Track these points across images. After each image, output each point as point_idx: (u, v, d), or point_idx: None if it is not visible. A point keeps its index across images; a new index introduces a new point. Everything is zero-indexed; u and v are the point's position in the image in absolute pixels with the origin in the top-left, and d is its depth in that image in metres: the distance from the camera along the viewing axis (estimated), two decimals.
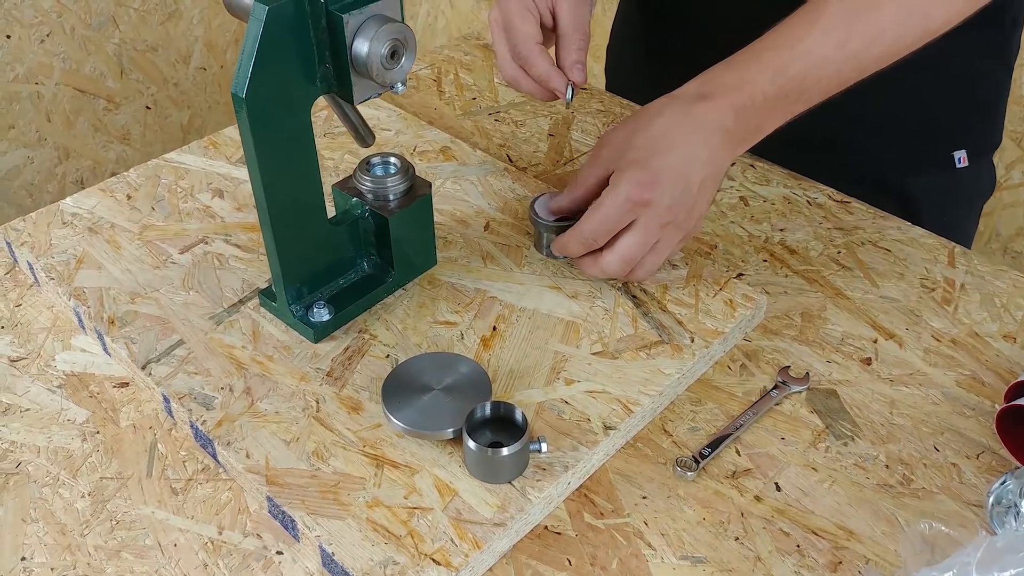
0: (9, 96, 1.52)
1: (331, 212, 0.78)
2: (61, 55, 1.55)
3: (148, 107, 1.71)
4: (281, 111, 0.65)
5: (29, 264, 0.84)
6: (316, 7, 0.62)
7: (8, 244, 0.86)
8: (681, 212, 0.73)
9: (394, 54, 0.64)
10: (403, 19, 0.65)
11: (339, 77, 0.65)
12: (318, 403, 0.69)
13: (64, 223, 0.88)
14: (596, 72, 1.35)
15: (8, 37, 1.48)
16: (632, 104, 1.09)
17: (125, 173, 0.94)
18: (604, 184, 0.75)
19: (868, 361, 0.77)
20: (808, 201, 0.93)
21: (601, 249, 0.75)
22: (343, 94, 0.66)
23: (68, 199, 0.91)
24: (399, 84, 0.66)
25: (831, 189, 0.95)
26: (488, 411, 0.65)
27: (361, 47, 0.63)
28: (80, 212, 0.89)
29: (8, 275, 0.86)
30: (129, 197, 0.91)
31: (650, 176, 0.71)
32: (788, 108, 0.74)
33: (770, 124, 0.74)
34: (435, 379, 0.68)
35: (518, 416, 0.64)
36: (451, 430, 0.64)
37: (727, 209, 0.92)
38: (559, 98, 0.84)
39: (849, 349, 0.78)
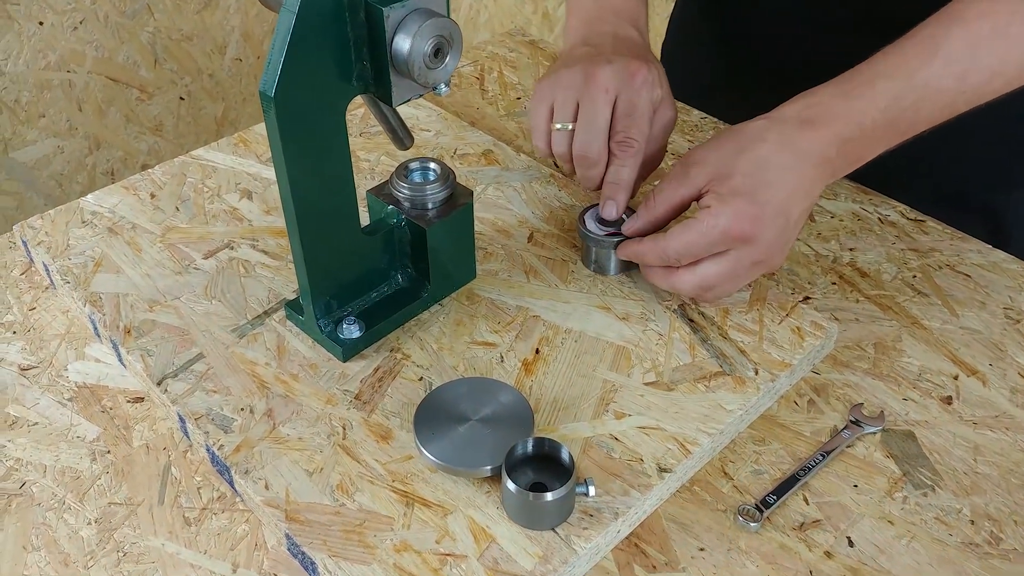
0: (40, 84, 1.48)
1: (364, 220, 0.73)
2: (94, 43, 1.50)
3: (182, 98, 1.66)
4: (313, 112, 0.59)
5: (45, 265, 0.79)
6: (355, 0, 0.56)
7: (24, 243, 0.81)
8: (776, 250, 0.68)
9: (438, 52, 0.58)
10: (448, 13, 0.59)
11: (377, 76, 0.59)
12: (344, 429, 0.63)
13: (84, 222, 0.83)
14: None
15: (40, 24, 1.43)
16: (687, 107, 1.02)
17: (150, 170, 0.89)
18: (688, 205, 0.70)
19: (948, 400, 0.69)
20: (880, 218, 0.86)
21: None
22: (381, 95, 0.60)
23: (89, 196, 0.86)
24: (442, 85, 0.60)
25: (904, 206, 0.88)
26: (530, 448, 0.59)
27: (402, 44, 0.57)
28: (101, 211, 0.84)
29: (24, 275, 0.81)
30: (153, 196, 0.86)
31: (755, 211, 0.66)
32: (894, 138, 0.68)
33: (871, 154, 0.69)
34: (472, 408, 0.62)
35: (564, 456, 0.58)
36: (489, 467, 0.58)
37: None
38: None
39: (927, 386, 0.70)
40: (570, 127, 0.74)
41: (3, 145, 1.47)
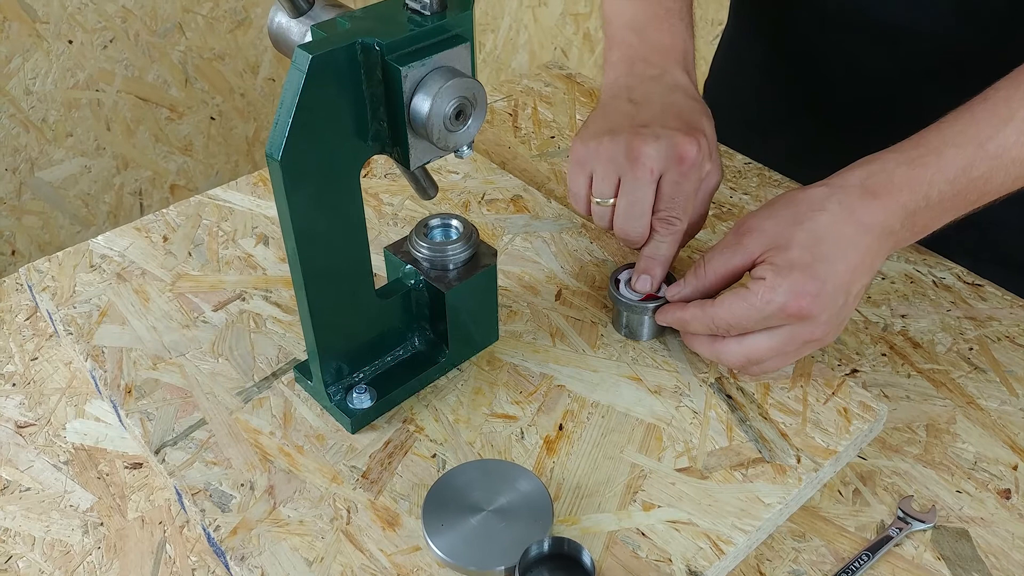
0: (68, 103, 1.46)
1: (382, 274, 0.68)
2: (124, 62, 1.48)
3: (213, 118, 1.64)
4: (324, 174, 0.55)
5: (48, 313, 0.76)
6: (371, 56, 0.52)
7: (30, 287, 0.78)
8: (831, 328, 0.63)
9: (460, 114, 0.54)
10: (474, 72, 0.54)
11: (394, 136, 0.55)
12: (349, 512, 0.59)
13: (92, 266, 0.79)
14: None
15: (70, 42, 1.42)
16: (730, 151, 0.97)
17: (164, 210, 0.86)
18: (740, 275, 0.65)
19: (1007, 493, 0.64)
20: (934, 281, 0.80)
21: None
22: (398, 156, 0.56)
23: (100, 238, 0.82)
24: (464, 148, 0.55)
25: (960, 268, 0.82)
26: (547, 547, 0.54)
27: (422, 105, 0.52)
28: (111, 254, 0.80)
29: (28, 321, 0.78)
30: (165, 239, 0.82)
31: (814, 287, 0.60)
32: (963, 208, 0.63)
33: (937, 224, 0.64)
34: (486, 497, 0.57)
35: (586, 559, 0.53)
36: (502, 567, 0.53)
37: None
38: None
39: (983, 476, 0.65)
40: (611, 203, 0.70)
41: (29, 164, 1.46)
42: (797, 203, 0.64)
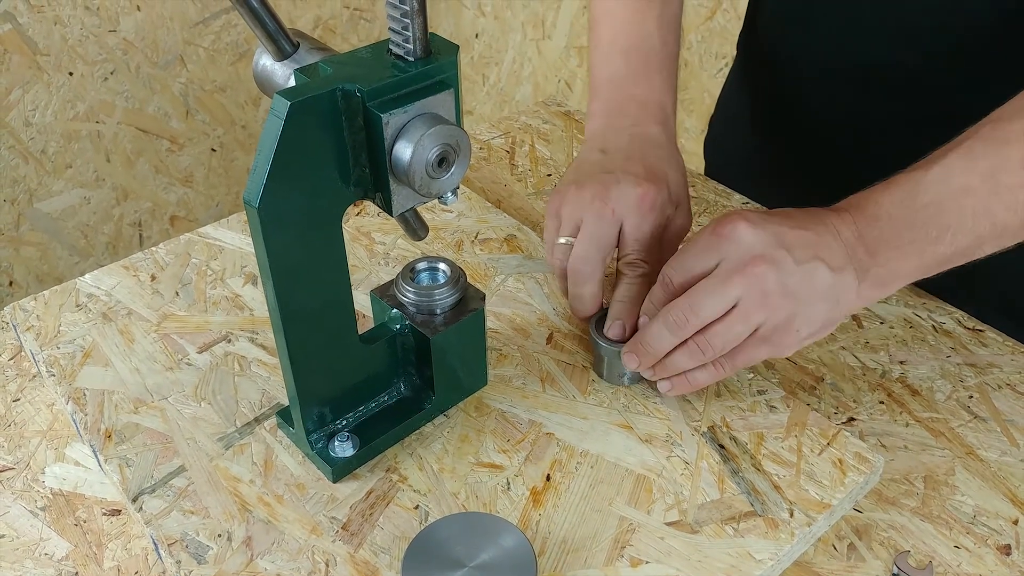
0: (68, 134, 1.45)
1: (371, 317, 0.67)
2: (124, 93, 1.48)
3: (214, 149, 1.63)
4: (305, 220, 0.54)
5: (32, 353, 0.75)
6: (352, 102, 0.51)
7: (15, 326, 0.77)
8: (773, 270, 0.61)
9: (443, 161, 0.52)
10: (459, 119, 0.53)
11: (377, 183, 0.54)
12: (327, 566, 0.57)
13: (78, 305, 0.78)
14: (689, 150, 1.22)
15: (70, 74, 1.42)
16: (728, 191, 0.96)
17: (153, 248, 0.85)
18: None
19: (1007, 550, 0.62)
20: (934, 326, 0.79)
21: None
22: (380, 203, 0.55)
23: (87, 276, 0.81)
24: (449, 195, 0.54)
25: (961, 312, 0.80)
26: None
27: (403, 152, 0.51)
28: (97, 293, 0.79)
29: (12, 360, 0.77)
30: (153, 278, 0.81)
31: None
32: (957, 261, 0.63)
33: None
34: (468, 552, 0.56)
35: None
36: None
37: (837, 332, 0.78)
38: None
39: (983, 531, 0.63)
40: (572, 242, 0.70)
41: (28, 195, 1.45)
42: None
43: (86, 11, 1.39)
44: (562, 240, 0.72)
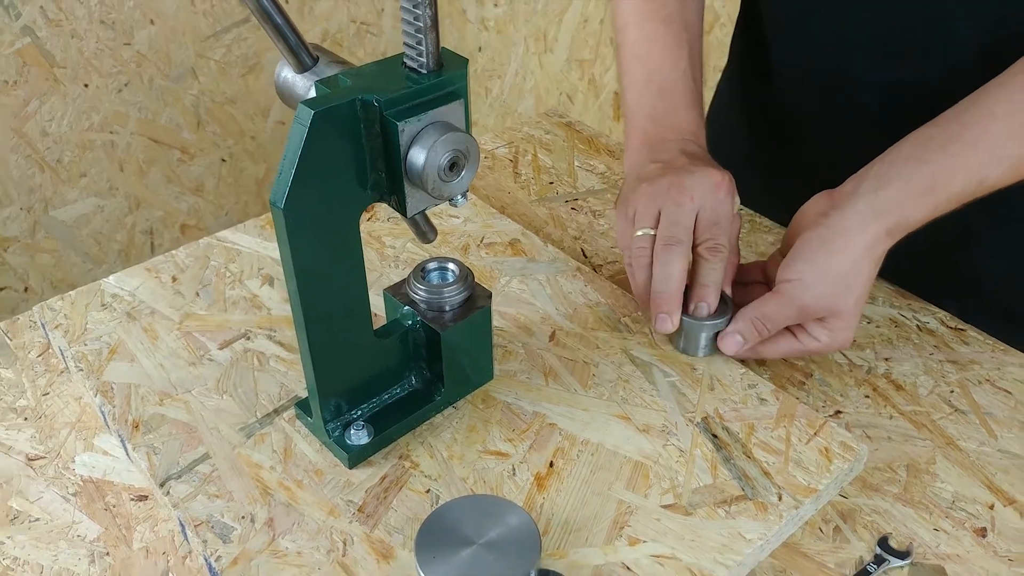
0: (83, 144, 1.50)
1: (383, 316, 0.71)
2: (138, 105, 1.52)
3: (224, 159, 1.68)
4: (325, 220, 0.58)
5: (60, 350, 0.79)
6: (370, 111, 0.55)
7: (43, 325, 0.81)
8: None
9: (454, 166, 0.57)
10: (468, 127, 0.58)
11: (392, 186, 0.58)
12: (345, 544, 0.61)
13: (103, 305, 0.82)
14: None
15: (85, 86, 1.46)
16: None
17: (174, 252, 0.89)
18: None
19: (983, 532, 0.66)
20: (918, 326, 0.83)
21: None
22: (395, 205, 0.59)
23: (111, 277, 0.86)
24: (459, 197, 0.59)
25: (944, 312, 0.84)
26: None
27: (417, 157, 0.55)
28: (121, 293, 0.83)
29: (40, 357, 0.81)
30: (174, 279, 0.85)
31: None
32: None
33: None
34: (477, 531, 0.59)
35: None
36: None
37: None
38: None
39: (961, 515, 0.67)
40: (652, 232, 0.73)
41: (44, 204, 1.49)
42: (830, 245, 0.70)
43: (102, 25, 1.43)
44: (640, 232, 0.74)
